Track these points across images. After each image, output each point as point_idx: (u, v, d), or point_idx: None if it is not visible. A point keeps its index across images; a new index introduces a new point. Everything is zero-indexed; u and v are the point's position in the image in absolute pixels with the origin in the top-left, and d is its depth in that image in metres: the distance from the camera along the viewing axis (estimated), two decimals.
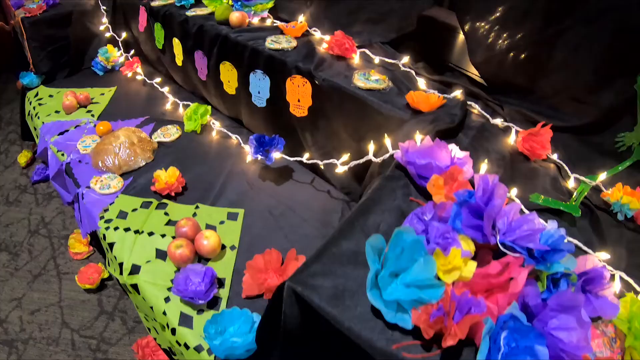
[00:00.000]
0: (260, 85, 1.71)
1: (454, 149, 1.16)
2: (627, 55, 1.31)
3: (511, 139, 1.38)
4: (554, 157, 1.34)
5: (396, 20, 1.70)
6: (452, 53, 1.73)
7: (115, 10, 2.50)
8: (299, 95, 1.60)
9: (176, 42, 2.08)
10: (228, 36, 1.79)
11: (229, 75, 1.83)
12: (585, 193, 1.22)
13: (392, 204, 1.07)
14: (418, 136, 1.24)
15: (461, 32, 1.62)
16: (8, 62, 3.53)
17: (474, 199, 0.93)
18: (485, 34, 1.55)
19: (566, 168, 1.31)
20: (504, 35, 1.50)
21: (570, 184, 1.27)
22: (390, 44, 1.75)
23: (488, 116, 1.46)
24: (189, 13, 2.01)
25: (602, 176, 1.27)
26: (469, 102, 1.49)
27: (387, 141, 1.30)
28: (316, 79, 1.53)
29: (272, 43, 1.68)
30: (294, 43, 1.70)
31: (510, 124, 1.43)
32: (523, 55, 1.49)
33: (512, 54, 1.51)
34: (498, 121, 1.44)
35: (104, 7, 2.54)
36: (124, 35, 2.49)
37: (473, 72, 1.66)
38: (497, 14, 1.50)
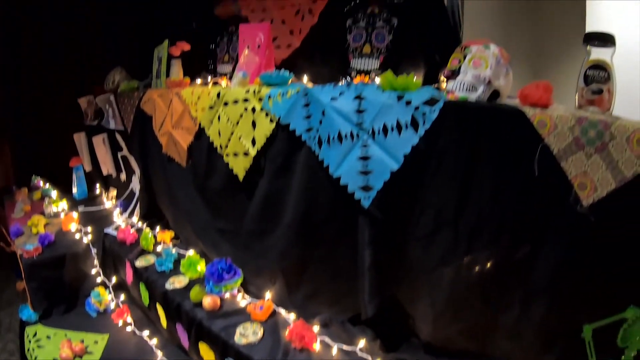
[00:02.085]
0: None
1: None
2: (567, 316, 1.55)
3: None
4: None
5: (350, 301, 1.95)
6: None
7: (105, 255, 2.78)
8: None
9: (159, 307, 2.32)
10: (202, 323, 2.03)
11: (207, 354, 2.05)
12: None
13: None
14: None
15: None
16: (7, 264, 3.80)
17: None
18: (430, 316, 1.78)
19: None
20: (448, 316, 1.72)
21: None
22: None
23: None
24: (168, 285, 2.27)
25: None
26: None
27: None
28: None
29: (241, 338, 1.92)
30: (260, 333, 1.93)
31: None
32: (469, 330, 1.72)
33: (458, 329, 1.73)
34: None
35: (95, 251, 2.82)
36: (114, 279, 2.74)
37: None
38: (438, 302, 1.73)
